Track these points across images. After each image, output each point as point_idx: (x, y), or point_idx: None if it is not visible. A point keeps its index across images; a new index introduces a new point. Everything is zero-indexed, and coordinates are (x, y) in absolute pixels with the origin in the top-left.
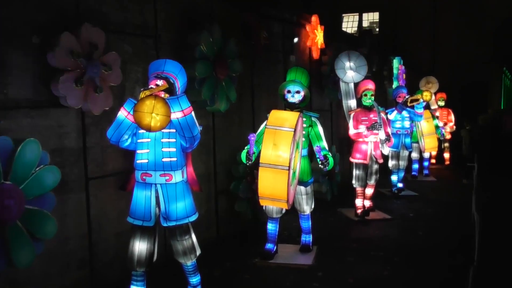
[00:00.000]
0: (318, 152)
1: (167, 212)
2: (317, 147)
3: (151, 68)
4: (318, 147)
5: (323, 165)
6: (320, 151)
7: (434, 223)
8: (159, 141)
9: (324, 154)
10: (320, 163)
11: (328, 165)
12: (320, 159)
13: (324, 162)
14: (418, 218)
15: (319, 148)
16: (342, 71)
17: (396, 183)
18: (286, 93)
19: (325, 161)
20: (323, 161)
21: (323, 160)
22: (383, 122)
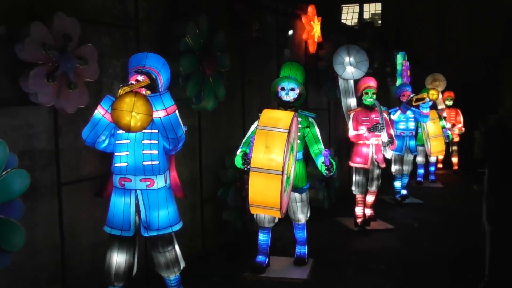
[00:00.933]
0: (326, 157)
1: (148, 220)
2: (326, 151)
3: (131, 63)
4: (327, 151)
5: (328, 171)
6: (328, 156)
7: (441, 234)
8: (139, 143)
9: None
10: (325, 168)
11: (333, 171)
12: (326, 164)
13: (330, 167)
14: (424, 228)
15: (327, 153)
16: (341, 67)
17: (400, 190)
18: (279, 91)
19: (331, 165)
20: (329, 167)
21: (329, 165)
22: (386, 123)
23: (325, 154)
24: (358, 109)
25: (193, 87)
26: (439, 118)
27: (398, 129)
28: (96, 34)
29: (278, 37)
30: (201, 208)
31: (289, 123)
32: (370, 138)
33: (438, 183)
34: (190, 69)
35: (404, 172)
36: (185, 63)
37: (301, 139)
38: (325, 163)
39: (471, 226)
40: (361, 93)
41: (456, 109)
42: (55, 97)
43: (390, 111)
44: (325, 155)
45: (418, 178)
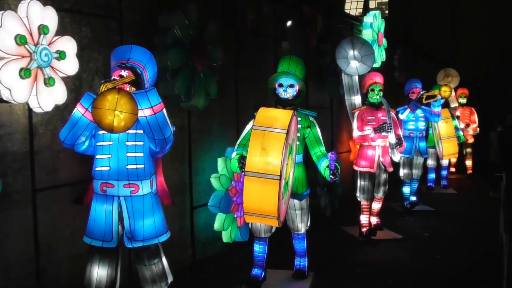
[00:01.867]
0: (332, 161)
1: (132, 230)
2: (332, 154)
3: (114, 56)
4: (333, 154)
5: (334, 176)
6: (334, 160)
7: (454, 245)
8: (123, 145)
9: None
10: (330, 173)
11: (338, 176)
12: (331, 169)
13: (336, 171)
14: (435, 239)
15: (334, 156)
16: (344, 61)
17: (409, 196)
18: (277, 87)
19: (336, 170)
20: (334, 172)
21: (334, 169)
22: (394, 122)
23: (331, 158)
24: (363, 108)
25: (182, 83)
26: (451, 117)
27: (407, 130)
28: (75, 24)
29: (275, 29)
30: (191, 216)
31: (288, 123)
32: (377, 139)
33: (450, 188)
34: (179, 63)
35: (413, 176)
36: (173, 57)
37: (300, 141)
38: (330, 167)
39: (487, 236)
40: (366, 90)
41: (471, 108)
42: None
43: (398, 109)
44: (332, 158)
45: (429, 183)
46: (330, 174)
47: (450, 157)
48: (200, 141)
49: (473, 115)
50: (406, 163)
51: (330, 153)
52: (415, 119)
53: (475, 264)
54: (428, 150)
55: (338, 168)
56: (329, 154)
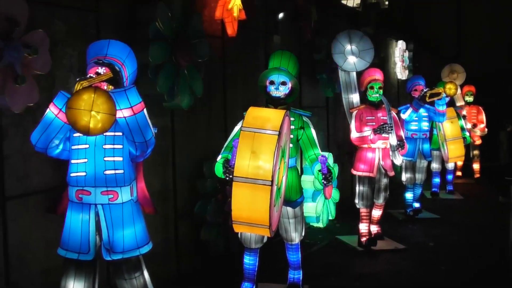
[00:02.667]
0: (323, 164)
1: (111, 241)
2: (323, 158)
3: (90, 52)
4: (324, 157)
5: (326, 181)
6: (326, 163)
7: (461, 255)
8: (100, 148)
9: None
10: (323, 178)
11: (331, 181)
12: (323, 173)
13: (329, 176)
14: (440, 249)
15: (324, 159)
16: (341, 56)
17: (412, 203)
18: (268, 85)
19: (329, 174)
20: (327, 176)
21: (326, 173)
22: (395, 123)
23: (322, 161)
24: (362, 107)
25: (164, 81)
26: (457, 117)
27: (410, 130)
28: (48, 17)
29: (267, 21)
30: (175, 226)
31: (280, 124)
32: (377, 141)
33: (457, 194)
34: (161, 59)
35: (416, 181)
36: (155, 52)
37: (294, 143)
38: (322, 171)
39: (497, 245)
40: (365, 87)
41: (478, 106)
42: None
43: (400, 108)
44: (322, 161)
45: (433, 188)
46: (322, 179)
47: (456, 160)
48: (185, 144)
49: (480, 115)
50: (408, 166)
51: (321, 156)
52: (418, 119)
53: (483, 275)
54: (432, 152)
55: (332, 172)
56: (319, 157)
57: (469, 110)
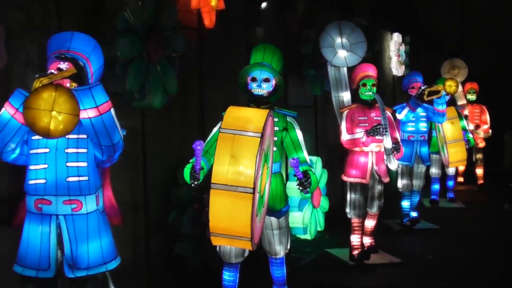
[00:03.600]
0: (295, 168)
1: (74, 256)
2: (294, 160)
3: (51, 45)
4: (295, 159)
5: (302, 187)
6: (298, 166)
7: (463, 269)
8: (62, 152)
9: (304, 170)
10: (298, 183)
11: (309, 186)
12: (298, 178)
13: (304, 181)
14: (440, 262)
15: (296, 162)
16: (330, 50)
17: (409, 212)
18: (249, 82)
19: (305, 180)
20: (302, 181)
21: (302, 178)
22: (390, 123)
23: (293, 164)
24: (354, 106)
25: (134, 78)
26: (459, 117)
27: (406, 132)
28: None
29: (248, 12)
30: (146, 239)
31: (262, 125)
32: (370, 143)
33: (458, 202)
34: (131, 54)
35: (414, 188)
36: (124, 45)
37: (278, 146)
38: (296, 175)
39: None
40: (357, 84)
41: (481, 105)
42: None
43: (396, 108)
44: (293, 164)
45: (433, 196)
46: (297, 185)
47: (457, 165)
48: (157, 148)
49: (484, 114)
50: (405, 172)
51: (292, 158)
52: (415, 120)
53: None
54: (431, 156)
55: (312, 177)
56: (290, 160)
57: (471, 110)
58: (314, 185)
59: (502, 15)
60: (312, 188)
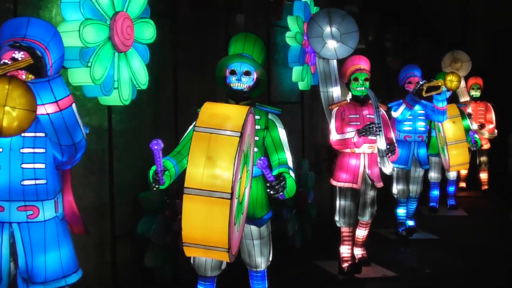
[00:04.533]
0: (263, 169)
1: (29, 269)
2: (260, 161)
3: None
4: (261, 159)
5: (273, 191)
6: (266, 167)
7: (463, 285)
8: (17, 153)
9: (279, 173)
10: (268, 186)
11: (282, 191)
12: (269, 180)
13: (276, 185)
14: (439, 276)
15: (263, 162)
16: (318, 40)
17: (405, 220)
18: (228, 75)
19: (277, 183)
20: (273, 184)
21: (273, 181)
22: (384, 122)
23: (260, 165)
24: (344, 102)
25: (99, 70)
26: (461, 115)
27: (402, 132)
28: None
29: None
30: (112, 249)
31: (242, 123)
32: (361, 144)
33: (460, 210)
34: (96, 42)
35: (411, 194)
36: (88, 33)
37: (259, 146)
38: (266, 178)
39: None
40: (348, 79)
41: (486, 103)
42: None
43: (391, 105)
44: (260, 165)
45: (432, 203)
46: (267, 188)
47: (459, 169)
48: (125, 148)
49: (489, 113)
50: (401, 176)
51: (258, 159)
52: (412, 118)
53: None
54: (430, 159)
55: (285, 179)
56: (257, 161)
57: (475, 107)
58: (291, 190)
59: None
60: (290, 193)
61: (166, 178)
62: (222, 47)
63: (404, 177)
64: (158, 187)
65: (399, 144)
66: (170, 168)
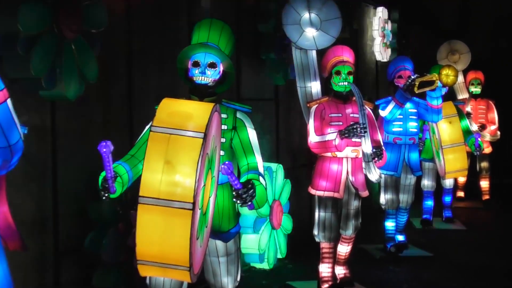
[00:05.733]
0: (230, 175)
1: None
2: (225, 166)
3: None
4: (226, 164)
5: (240, 200)
6: (232, 173)
7: None
8: None
9: (248, 180)
10: (235, 195)
11: (250, 200)
12: (235, 188)
13: (243, 193)
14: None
15: (227, 167)
16: (295, 28)
17: (394, 235)
18: (190, 67)
19: (244, 191)
20: (240, 192)
21: (239, 189)
22: (370, 122)
23: (224, 171)
24: (325, 99)
25: (41, 60)
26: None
27: (392, 133)
28: None
29: None
30: (55, 268)
31: (206, 123)
32: (344, 147)
33: (457, 223)
34: (37, 28)
35: (401, 205)
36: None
37: (226, 150)
38: (233, 185)
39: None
40: (329, 72)
41: (488, 100)
42: None
43: (378, 103)
44: (225, 171)
45: (425, 215)
46: (233, 197)
47: (456, 176)
48: (71, 151)
49: (491, 112)
50: (389, 184)
51: (222, 164)
52: (403, 118)
53: None
54: (423, 164)
55: (254, 186)
56: (220, 166)
57: (475, 106)
58: (261, 199)
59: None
60: (260, 202)
61: (118, 185)
62: (184, 35)
63: (393, 185)
64: (108, 196)
65: (387, 147)
66: (122, 174)
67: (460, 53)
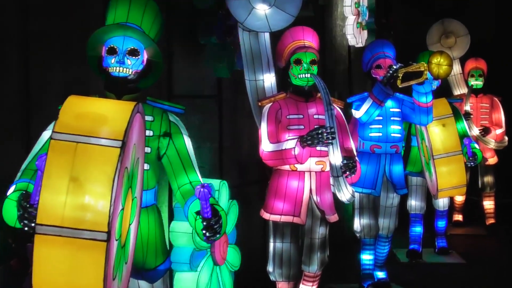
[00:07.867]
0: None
1: None
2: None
3: None
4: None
5: (211, 232)
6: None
7: None
8: None
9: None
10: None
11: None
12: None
13: (215, 223)
14: None
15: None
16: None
17: (372, 271)
18: (105, 55)
19: (215, 221)
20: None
21: (209, 218)
22: (341, 126)
23: (202, 195)
24: (281, 97)
25: None
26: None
27: (368, 140)
28: None
29: None
30: None
31: (125, 127)
32: (306, 158)
33: (454, 255)
34: None
35: (381, 232)
36: None
37: (153, 162)
38: (202, 214)
39: None
40: (286, 61)
41: (492, 97)
42: None
43: (351, 100)
44: (202, 196)
45: (412, 244)
46: (203, 229)
47: (451, 194)
48: None
49: (496, 112)
50: (366, 206)
51: (199, 185)
52: (383, 120)
53: None
54: (410, 179)
55: (222, 217)
56: (197, 188)
57: (476, 104)
58: (228, 226)
59: None
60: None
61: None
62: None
63: (371, 207)
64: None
65: (362, 157)
66: None
67: (456, 36)
